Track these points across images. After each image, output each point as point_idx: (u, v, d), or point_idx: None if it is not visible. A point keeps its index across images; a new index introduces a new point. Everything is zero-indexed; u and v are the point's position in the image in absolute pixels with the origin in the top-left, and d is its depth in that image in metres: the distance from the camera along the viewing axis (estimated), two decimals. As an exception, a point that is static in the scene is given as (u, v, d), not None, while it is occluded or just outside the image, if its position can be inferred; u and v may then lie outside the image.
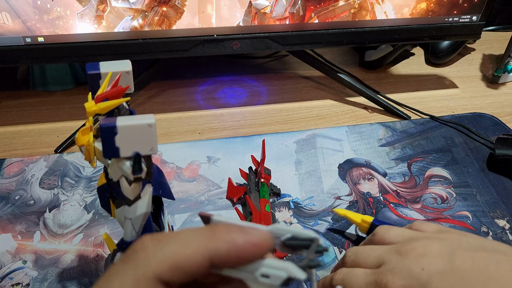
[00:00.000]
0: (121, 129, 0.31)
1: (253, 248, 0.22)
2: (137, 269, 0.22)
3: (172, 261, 0.22)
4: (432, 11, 0.69)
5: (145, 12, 0.62)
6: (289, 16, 0.66)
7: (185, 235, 0.23)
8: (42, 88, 0.77)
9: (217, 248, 0.22)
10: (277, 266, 0.22)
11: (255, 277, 0.22)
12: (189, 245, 0.22)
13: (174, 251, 0.22)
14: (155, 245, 0.22)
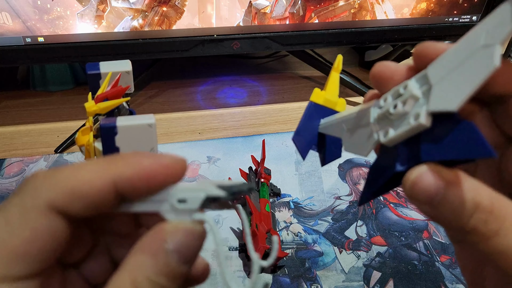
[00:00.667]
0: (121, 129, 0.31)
1: (163, 170, 0.20)
2: (25, 198, 0.18)
3: (68, 186, 0.18)
4: (432, 11, 0.69)
5: (145, 12, 0.62)
6: (289, 16, 0.66)
7: (82, 163, 0.19)
8: (42, 88, 0.77)
9: (121, 172, 0.19)
10: (193, 187, 0.20)
11: (171, 204, 0.20)
12: (88, 170, 0.19)
13: (69, 176, 0.19)
14: (47, 173, 0.19)
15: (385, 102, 0.22)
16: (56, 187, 0.18)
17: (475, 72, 0.18)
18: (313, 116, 0.30)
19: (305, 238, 0.50)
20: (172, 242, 0.19)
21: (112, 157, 0.20)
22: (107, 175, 0.19)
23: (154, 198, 0.20)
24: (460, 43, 0.19)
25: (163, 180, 0.20)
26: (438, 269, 0.47)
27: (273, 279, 0.46)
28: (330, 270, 0.47)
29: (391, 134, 0.21)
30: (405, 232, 0.52)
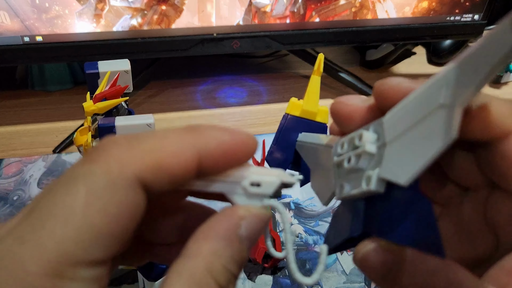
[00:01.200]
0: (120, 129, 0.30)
1: (243, 146, 0.18)
2: (111, 168, 0.16)
3: (155, 158, 0.17)
4: (434, 10, 0.68)
5: (144, 11, 0.61)
6: (290, 15, 0.65)
7: (164, 132, 0.18)
8: (41, 87, 0.76)
9: (205, 146, 0.18)
10: (267, 172, 0.19)
11: (243, 187, 0.19)
12: (173, 141, 0.17)
13: (157, 148, 0.17)
14: (131, 141, 0.17)
15: (342, 150, 0.21)
16: (144, 160, 0.16)
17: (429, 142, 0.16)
18: (289, 130, 0.27)
19: (306, 239, 0.50)
20: (245, 228, 0.18)
21: (194, 127, 0.18)
22: (193, 148, 0.17)
23: (227, 178, 0.19)
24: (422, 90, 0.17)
25: (242, 157, 0.19)
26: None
27: (274, 281, 0.45)
28: (331, 271, 0.47)
29: (346, 191, 0.20)
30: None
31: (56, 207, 0.15)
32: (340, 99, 0.22)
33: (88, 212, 0.15)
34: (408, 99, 0.18)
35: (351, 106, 0.21)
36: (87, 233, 0.15)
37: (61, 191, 0.16)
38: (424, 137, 0.16)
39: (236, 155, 0.18)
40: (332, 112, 0.22)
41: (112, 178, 0.16)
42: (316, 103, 0.27)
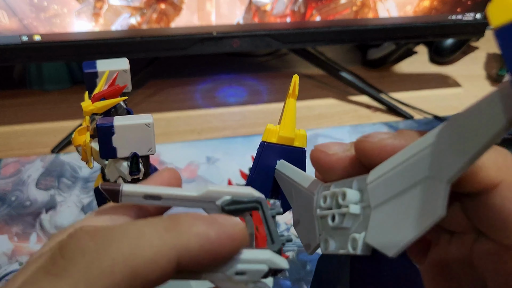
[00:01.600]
0: (118, 129, 0.30)
1: (230, 242, 0.17)
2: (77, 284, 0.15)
3: (128, 270, 0.15)
4: (435, 9, 0.68)
5: (143, 10, 0.61)
6: (290, 14, 0.65)
7: (138, 230, 0.16)
8: (39, 87, 0.76)
9: (186, 246, 0.16)
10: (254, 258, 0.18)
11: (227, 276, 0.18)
12: (150, 243, 0.16)
13: (129, 254, 0.15)
14: (100, 246, 0.15)
15: (325, 204, 0.20)
16: (113, 272, 0.15)
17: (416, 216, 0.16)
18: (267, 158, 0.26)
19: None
20: None
21: (174, 222, 0.17)
22: (172, 252, 0.16)
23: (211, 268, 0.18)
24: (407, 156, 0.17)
25: (229, 253, 0.17)
26: None
27: (274, 282, 0.45)
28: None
29: (331, 248, 0.20)
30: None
31: None
32: (320, 147, 0.21)
33: None
34: (393, 163, 0.17)
35: (332, 156, 0.21)
36: None
37: None
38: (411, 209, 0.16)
39: (220, 252, 0.17)
40: (313, 160, 0.21)
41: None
42: (293, 128, 0.26)
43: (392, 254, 0.16)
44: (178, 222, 0.17)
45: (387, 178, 0.17)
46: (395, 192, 0.17)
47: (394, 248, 0.16)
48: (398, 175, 0.17)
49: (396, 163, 0.17)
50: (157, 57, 0.73)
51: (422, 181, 0.16)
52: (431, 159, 0.16)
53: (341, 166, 0.20)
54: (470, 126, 0.15)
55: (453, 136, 0.15)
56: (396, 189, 0.17)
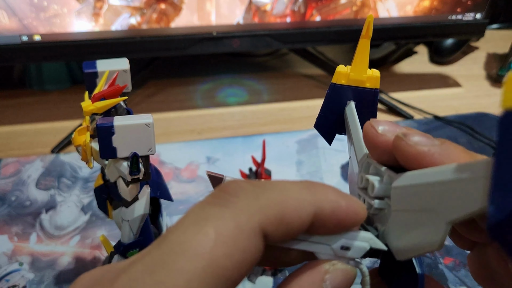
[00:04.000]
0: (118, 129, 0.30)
1: (354, 216, 0.19)
2: (240, 215, 0.17)
3: (278, 211, 0.17)
4: (435, 9, 0.68)
5: (143, 10, 0.61)
6: (290, 14, 0.65)
7: (285, 185, 0.19)
8: (39, 87, 0.76)
9: (322, 206, 0.18)
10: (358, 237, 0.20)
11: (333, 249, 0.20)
12: (294, 196, 0.18)
13: (280, 201, 0.18)
14: (256, 189, 0.18)
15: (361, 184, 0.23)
16: (269, 211, 0.17)
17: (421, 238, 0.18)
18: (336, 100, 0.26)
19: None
20: (330, 282, 0.19)
21: (312, 185, 0.19)
22: (310, 207, 0.18)
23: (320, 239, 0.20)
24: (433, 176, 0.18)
25: (350, 224, 0.19)
26: (442, 271, 0.46)
27: (274, 282, 0.45)
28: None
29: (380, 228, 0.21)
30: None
31: (186, 245, 0.16)
32: (373, 123, 0.22)
33: (215, 254, 0.16)
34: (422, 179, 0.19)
35: (380, 136, 0.22)
36: (212, 275, 0.16)
37: (191, 229, 0.16)
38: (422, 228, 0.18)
39: (345, 221, 0.19)
40: (364, 133, 0.23)
41: (240, 226, 0.17)
42: (365, 69, 0.25)
43: (399, 258, 0.19)
44: (316, 186, 0.19)
45: (411, 192, 0.19)
46: (412, 208, 0.19)
47: (403, 255, 0.19)
48: (420, 193, 0.18)
49: (423, 181, 0.19)
50: (157, 57, 0.73)
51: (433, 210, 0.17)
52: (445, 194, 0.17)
53: (384, 149, 0.22)
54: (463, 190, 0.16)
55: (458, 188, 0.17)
56: (414, 206, 0.19)
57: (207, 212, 0.17)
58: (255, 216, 0.17)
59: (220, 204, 0.17)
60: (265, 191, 0.18)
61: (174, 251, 0.16)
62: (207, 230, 0.16)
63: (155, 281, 0.15)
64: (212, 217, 0.17)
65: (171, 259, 0.16)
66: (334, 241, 0.20)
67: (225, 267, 0.16)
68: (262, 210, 0.17)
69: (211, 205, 0.17)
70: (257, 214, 0.17)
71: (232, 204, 0.17)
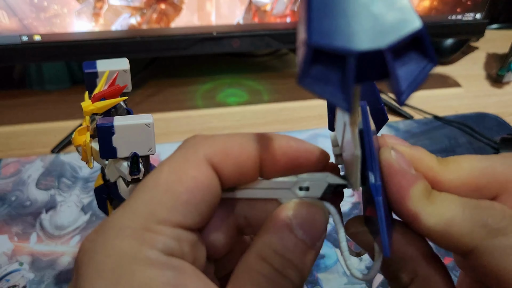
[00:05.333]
0: (118, 129, 0.30)
1: (307, 155, 0.21)
2: (187, 151, 0.20)
3: (222, 146, 0.20)
4: (435, 9, 0.68)
5: (143, 10, 0.61)
6: (290, 14, 0.65)
7: (234, 134, 0.22)
8: (39, 87, 0.76)
9: (268, 146, 0.21)
10: (315, 176, 0.21)
11: (292, 191, 0.21)
12: (240, 138, 0.21)
13: (224, 139, 0.21)
14: (205, 135, 0.21)
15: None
16: (213, 146, 0.20)
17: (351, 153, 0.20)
18: None
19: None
20: (295, 218, 0.20)
21: (261, 133, 0.21)
22: (256, 145, 0.21)
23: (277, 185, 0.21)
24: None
25: (303, 164, 0.21)
26: (442, 271, 0.46)
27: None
28: (332, 272, 0.46)
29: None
30: (408, 233, 0.51)
31: (147, 182, 0.20)
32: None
33: (168, 183, 0.19)
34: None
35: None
36: (168, 199, 0.19)
37: (153, 172, 0.20)
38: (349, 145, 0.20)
39: (299, 162, 0.21)
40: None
41: (187, 157, 0.20)
42: None
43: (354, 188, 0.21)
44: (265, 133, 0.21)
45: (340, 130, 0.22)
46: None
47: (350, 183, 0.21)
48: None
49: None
50: (157, 57, 0.73)
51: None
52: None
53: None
54: None
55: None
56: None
57: (166, 158, 0.21)
58: (200, 149, 0.20)
59: (176, 150, 0.21)
60: (213, 136, 0.21)
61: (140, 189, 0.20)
62: (162, 168, 0.20)
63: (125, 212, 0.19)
64: (169, 159, 0.21)
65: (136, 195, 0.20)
66: (292, 183, 0.21)
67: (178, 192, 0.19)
68: (207, 146, 0.20)
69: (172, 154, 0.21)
70: (202, 147, 0.20)
71: (183, 146, 0.21)
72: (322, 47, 0.14)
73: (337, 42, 0.14)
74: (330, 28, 0.14)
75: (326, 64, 0.14)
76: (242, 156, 0.20)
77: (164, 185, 0.19)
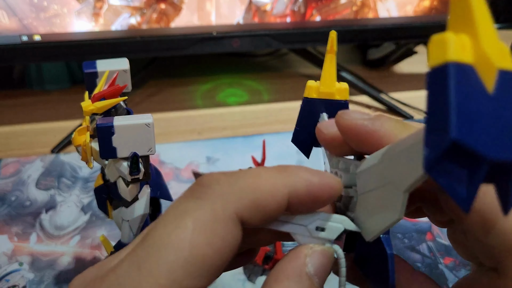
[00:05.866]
0: (118, 129, 0.30)
1: (329, 190, 0.20)
2: (215, 204, 0.18)
3: (253, 197, 0.18)
4: (435, 9, 0.68)
5: (143, 10, 0.61)
6: (290, 14, 0.65)
7: (258, 171, 0.19)
8: (39, 87, 0.76)
9: (295, 186, 0.19)
10: (332, 218, 0.21)
11: (308, 229, 0.21)
12: (267, 181, 0.19)
13: (254, 187, 0.18)
14: (230, 179, 0.19)
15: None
16: (243, 197, 0.18)
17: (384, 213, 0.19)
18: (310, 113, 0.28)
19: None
20: (312, 265, 0.20)
21: (284, 167, 0.20)
22: (284, 188, 0.19)
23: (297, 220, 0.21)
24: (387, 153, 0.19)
25: (326, 199, 0.20)
26: (442, 271, 0.46)
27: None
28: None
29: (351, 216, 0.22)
30: (408, 234, 0.51)
31: (168, 238, 0.17)
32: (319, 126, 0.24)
33: (195, 244, 0.17)
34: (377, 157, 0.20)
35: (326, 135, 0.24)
36: (194, 263, 0.17)
37: (172, 223, 0.17)
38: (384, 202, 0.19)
39: (321, 196, 0.20)
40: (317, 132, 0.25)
41: (216, 214, 0.18)
42: (333, 82, 0.27)
43: (368, 239, 0.20)
44: (288, 168, 0.20)
45: (371, 172, 0.20)
46: (374, 187, 0.20)
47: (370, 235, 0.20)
48: (377, 172, 0.20)
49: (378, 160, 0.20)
50: (157, 57, 0.73)
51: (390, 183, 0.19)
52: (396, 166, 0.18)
53: (336, 144, 0.23)
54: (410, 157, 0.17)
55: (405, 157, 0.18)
56: (375, 184, 0.20)
57: (185, 205, 0.18)
58: (230, 203, 0.18)
59: (197, 197, 0.18)
60: (238, 179, 0.19)
61: (157, 245, 0.17)
62: (186, 222, 0.17)
63: (142, 275, 0.16)
64: (190, 209, 0.18)
65: (155, 253, 0.17)
66: (309, 221, 0.20)
67: (206, 255, 0.17)
68: (236, 197, 0.18)
69: (189, 198, 0.18)
70: (232, 201, 0.18)
71: (208, 195, 0.18)
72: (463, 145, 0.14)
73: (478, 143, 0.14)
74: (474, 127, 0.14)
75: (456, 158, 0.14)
76: (271, 205, 0.19)
77: (190, 246, 0.17)
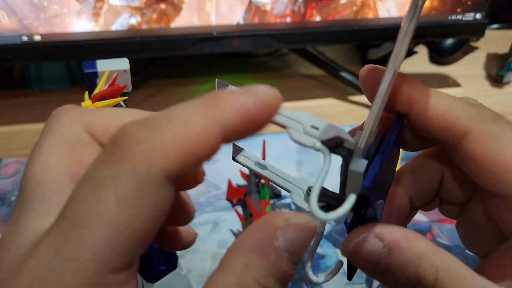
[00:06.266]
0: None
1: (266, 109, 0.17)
2: (138, 168, 0.15)
3: (181, 148, 0.15)
4: (435, 9, 0.68)
5: (143, 10, 0.61)
6: (290, 14, 0.65)
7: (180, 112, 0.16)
8: (39, 87, 0.76)
9: (229, 120, 0.16)
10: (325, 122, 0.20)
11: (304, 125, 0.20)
12: (196, 124, 0.16)
13: (180, 138, 0.15)
14: (152, 135, 0.15)
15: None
16: (168, 153, 0.15)
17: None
18: None
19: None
20: (283, 240, 0.17)
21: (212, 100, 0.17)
22: (216, 126, 0.16)
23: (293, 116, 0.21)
24: None
25: (265, 120, 0.18)
26: (443, 271, 0.46)
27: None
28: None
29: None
30: (408, 234, 0.51)
31: (87, 215, 0.15)
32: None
33: (120, 219, 0.15)
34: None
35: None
36: (121, 240, 0.15)
37: (89, 198, 0.15)
38: None
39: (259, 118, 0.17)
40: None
41: (141, 181, 0.15)
42: None
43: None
44: (217, 99, 0.17)
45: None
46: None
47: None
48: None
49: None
50: (157, 57, 0.73)
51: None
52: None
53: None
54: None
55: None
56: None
57: (103, 174, 0.15)
58: (156, 165, 0.15)
59: (115, 162, 0.15)
60: (161, 132, 0.16)
61: (77, 225, 0.15)
62: (106, 195, 0.15)
63: (64, 260, 0.14)
64: (109, 178, 0.15)
65: (75, 234, 0.15)
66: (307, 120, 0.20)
67: (134, 228, 0.15)
68: (162, 155, 0.15)
69: (105, 164, 0.15)
70: (157, 162, 0.15)
71: (127, 159, 0.15)
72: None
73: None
74: None
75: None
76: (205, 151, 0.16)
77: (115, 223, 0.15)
